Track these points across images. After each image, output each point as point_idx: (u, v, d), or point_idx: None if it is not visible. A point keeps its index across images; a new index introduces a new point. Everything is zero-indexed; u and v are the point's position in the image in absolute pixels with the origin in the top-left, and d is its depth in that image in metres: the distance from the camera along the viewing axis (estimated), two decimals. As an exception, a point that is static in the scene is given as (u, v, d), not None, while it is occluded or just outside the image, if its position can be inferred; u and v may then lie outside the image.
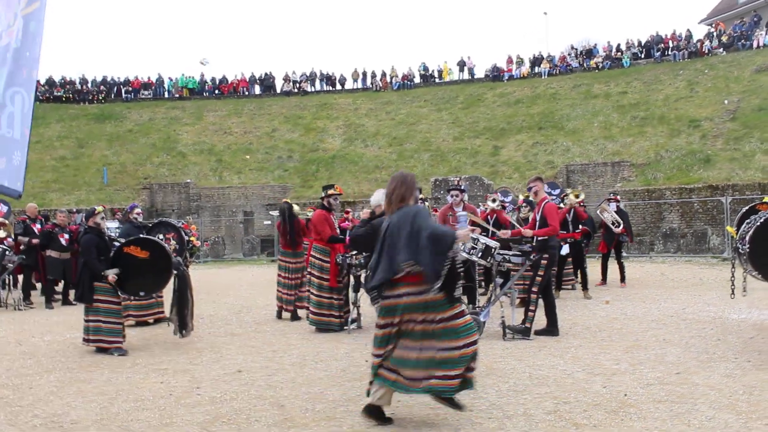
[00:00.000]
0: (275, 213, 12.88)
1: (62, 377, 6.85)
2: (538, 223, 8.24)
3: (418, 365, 4.81)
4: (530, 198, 9.09)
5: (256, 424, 5.05)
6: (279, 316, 10.52)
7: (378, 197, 6.34)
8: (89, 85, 40.95)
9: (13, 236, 12.73)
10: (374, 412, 4.94)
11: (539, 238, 8.13)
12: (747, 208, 8.23)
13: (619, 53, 37.52)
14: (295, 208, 10.81)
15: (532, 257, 8.11)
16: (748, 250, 6.66)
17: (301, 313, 10.18)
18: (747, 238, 6.67)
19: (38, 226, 13.38)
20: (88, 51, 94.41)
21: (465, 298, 9.91)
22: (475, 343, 4.84)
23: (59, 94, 39.72)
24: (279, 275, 10.67)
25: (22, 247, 12.62)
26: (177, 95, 41.17)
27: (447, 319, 4.81)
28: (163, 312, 10.43)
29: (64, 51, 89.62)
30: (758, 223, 6.64)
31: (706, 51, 34.91)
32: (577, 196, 12.20)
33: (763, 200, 7.95)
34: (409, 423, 4.98)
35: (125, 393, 6.11)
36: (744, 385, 5.84)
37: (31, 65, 4.53)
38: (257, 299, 13.09)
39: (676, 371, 6.38)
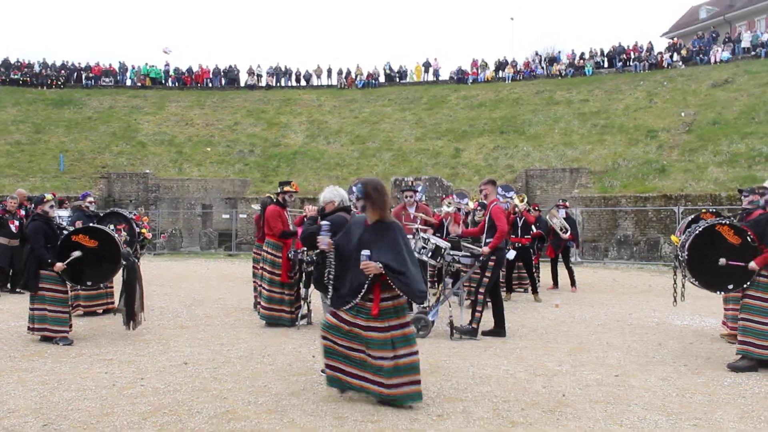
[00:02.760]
0: (257, 207, 12.81)
1: (3, 366, 6.73)
2: (486, 226, 8.36)
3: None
4: (482, 200, 9.23)
5: (197, 415, 5.06)
6: (256, 307, 10.38)
7: (329, 194, 6.37)
8: (49, 69, 40.12)
9: None
10: None
11: (487, 240, 8.26)
12: (691, 217, 8.48)
13: (582, 61, 38.12)
14: None
15: (480, 258, 8.22)
16: (687, 257, 6.86)
17: None
18: (686, 246, 6.88)
19: (23, 212, 12.95)
20: (49, 34, 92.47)
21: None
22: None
23: (16, 77, 38.84)
24: (255, 267, 10.54)
25: None
26: (139, 84, 40.59)
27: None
28: (112, 303, 10.31)
29: (23, 33, 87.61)
30: (696, 232, 6.85)
31: (666, 64, 35.68)
32: (522, 200, 12.37)
33: (704, 210, 8.20)
34: (348, 419, 5.03)
35: (67, 382, 6.04)
36: (678, 387, 6.03)
37: None
38: (210, 293, 13.00)
39: (615, 373, 6.55)
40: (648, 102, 31.88)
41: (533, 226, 12.64)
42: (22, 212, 12.88)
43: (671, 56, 36.06)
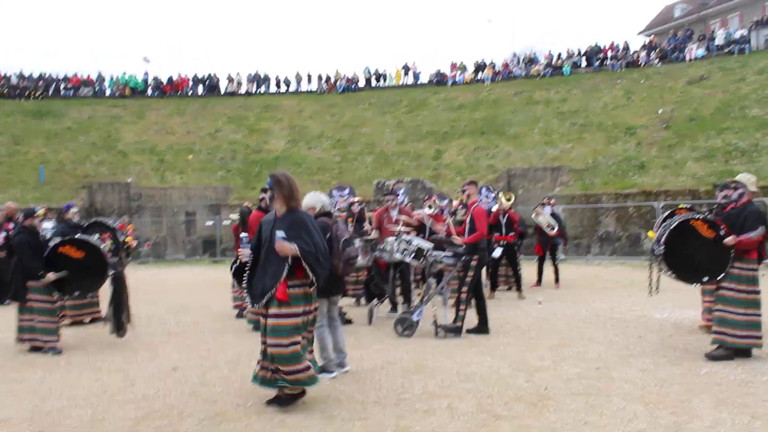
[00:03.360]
0: (235, 216, 12.90)
1: (-7, 376, 6.80)
2: (467, 227, 8.52)
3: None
4: (464, 200, 9.39)
5: (188, 419, 5.16)
6: (240, 315, 10.46)
7: (310, 200, 6.50)
8: (26, 80, 39.85)
9: None
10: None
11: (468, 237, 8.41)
12: (667, 212, 8.67)
13: (560, 61, 38.49)
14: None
15: (462, 259, 8.38)
16: (662, 251, 7.06)
17: None
18: (662, 240, 7.08)
19: (10, 225, 12.88)
20: (25, 46, 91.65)
21: (401, 298, 10.21)
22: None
23: (-6, 89, 38.54)
24: None
25: None
26: (118, 93, 40.43)
27: None
28: (99, 312, 10.36)
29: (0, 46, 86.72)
30: (672, 227, 7.05)
31: (642, 63, 36.12)
32: (508, 200, 12.56)
33: (680, 206, 8.41)
34: (336, 418, 5.15)
35: (58, 391, 6.12)
36: (657, 378, 6.22)
37: None
38: (196, 299, 13.06)
39: (596, 366, 6.73)
40: (626, 100, 32.25)
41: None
42: (10, 225, 12.85)
43: (647, 54, 36.52)
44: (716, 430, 4.74)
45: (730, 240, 6.81)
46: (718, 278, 6.95)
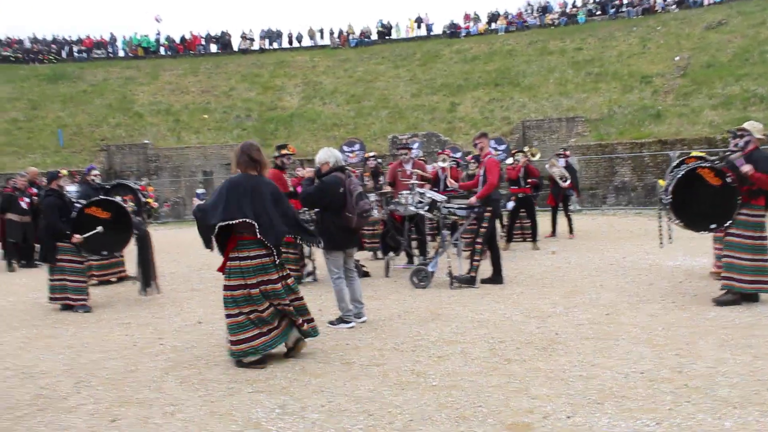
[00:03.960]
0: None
1: (29, 334, 7.15)
2: (481, 179, 8.68)
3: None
4: (476, 153, 9.54)
5: (215, 368, 5.46)
6: None
7: (324, 155, 6.69)
8: (39, 44, 39.99)
9: None
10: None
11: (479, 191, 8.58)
12: (677, 161, 8.75)
13: (575, 9, 37.93)
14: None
15: (475, 210, 8.56)
16: (670, 200, 7.19)
17: None
18: (670, 189, 7.20)
19: (34, 189, 13.25)
20: (36, 7, 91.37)
21: (416, 251, 10.44)
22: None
23: (7, 54, 38.76)
24: None
25: None
26: (131, 54, 40.49)
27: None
28: (125, 271, 10.72)
29: (8, 7, 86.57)
30: (679, 175, 7.16)
31: (659, 8, 35.50)
32: (533, 155, 12.67)
33: (691, 154, 8.48)
34: (355, 364, 5.42)
35: (91, 346, 6.45)
36: (664, 322, 6.42)
37: None
38: (217, 257, 13.32)
39: (606, 312, 6.95)
40: (642, 48, 31.86)
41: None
42: (33, 189, 13.20)
43: (664, 0, 35.86)
44: (718, 369, 4.93)
45: (748, 169, 6.80)
46: (726, 225, 7.08)
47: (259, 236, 5.40)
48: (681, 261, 10.36)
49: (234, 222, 5.38)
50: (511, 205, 12.37)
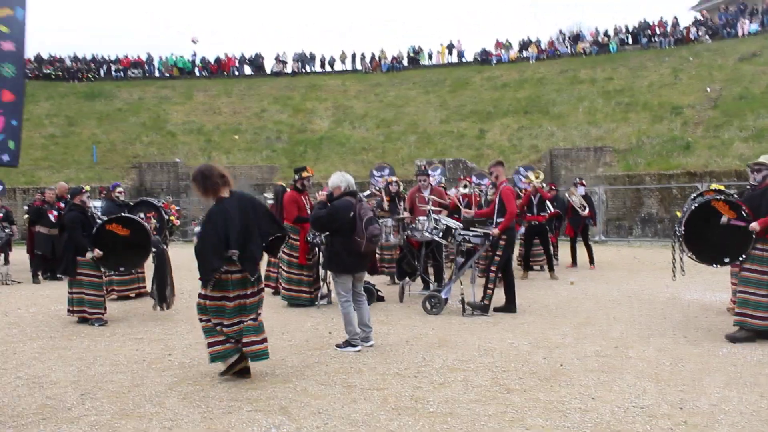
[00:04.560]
0: (269, 195, 13.36)
1: (44, 345, 7.32)
2: (497, 207, 8.70)
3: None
4: (493, 181, 9.57)
5: (219, 386, 5.54)
6: (276, 293, 10.66)
7: (336, 180, 6.79)
8: (79, 62, 41.04)
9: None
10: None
11: (498, 220, 8.60)
12: (696, 194, 8.70)
13: (607, 38, 37.87)
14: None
15: (490, 237, 8.57)
16: (683, 232, 7.15)
17: None
18: (683, 221, 7.16)
19: (62, 204, 13.52)
20: (77, 28, 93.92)
21: (432, 277, 10.47)
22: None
23: (48, 71, 39.83)
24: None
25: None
26: (167, 74, 41.34)
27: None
28: (144, 287, 10.90)
29: (52, 27, 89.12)
30: (693, 208, 7.12)
31: (693, 38, 35.29)
32: (537, 177, 12.63)
33: (710, 186, 8.43)
34: (356, 387, 5.46)
35: (102, 358, 6.59)
36: (673, 357, 6.35)
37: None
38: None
39: (615, 345, 6.89)
40: (673, 78, 31.64)
41: (550, 205, 12.90)
42: (62, 204, 13.48)
43: (697, 31, 35.64)
44: (720, 407, 4.87)
45: (754, 226, 6.83)
46: (740, 259, 7.01)
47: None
48: (700, 295, 10.23)
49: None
50: (521, 231, 12.34)
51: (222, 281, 5.59)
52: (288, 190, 10.84)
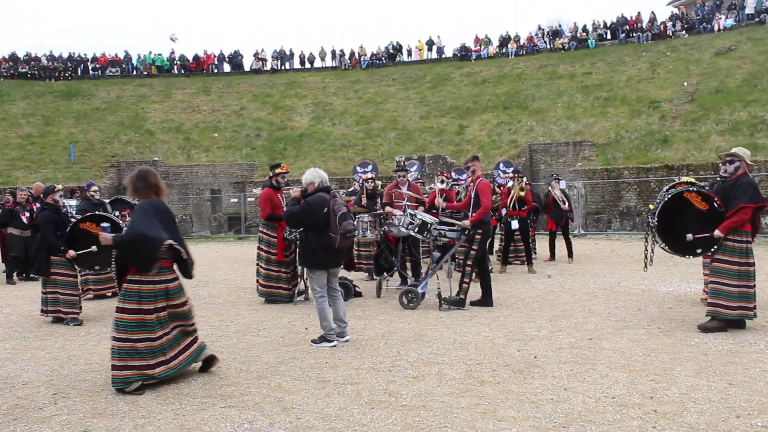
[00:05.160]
0: (258, 191, 13.33)
1: (17, 345, 7.25)
2: (472, 201, 8.73)
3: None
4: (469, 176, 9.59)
5: (192, 383, 5.52)
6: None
7: (310, 176, 6.78)
8: (56, 61, 40.61)
9: None
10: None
11: (471, 213, 8.62)
12: (669, 186, 8.77)
13: (585, 34, 38.10)
14: None
15: (466, 232, 8.60)
16: (656, 223, 7.22)
17: None
18: (656, 212, 7.24)
19: (38, 204, 13.34)
20: (54, 26, 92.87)
21: (410, 272, 10.49)
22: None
23: (24, 70, 39.39)
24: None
25: None
26: (145, 73, 41.02)
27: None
28: (121, 286, 10.80)
29: (28, 26, 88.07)
30: (665, 199, 7.20)
31: (669, 33, 35.60)
32: (521, 190, 12.65)
33: (682, 179, 8.50)
34: (330, 382, 5.46)
35: (76, 358, 6.54)
36: (646, 348, 6.42)
37: None
38: (216, 274, 13.51)
39: (589, 337, 6.95)
40: (651, 73, 31.91)
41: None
42: (37, 204, 13.33)
43: (674, 26, 35.97)
44: (690, 396, 4.94)
45: (718, 233, 6.93)
46: (712, 250, 7.09)
47: (183, 258, 5.55)
48: (675, 287, 10.35)
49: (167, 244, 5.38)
50: (516, 224, 12.39)
51: (138, 292, 5.40)
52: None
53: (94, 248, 8.27)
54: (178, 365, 5.54)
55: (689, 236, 7.07)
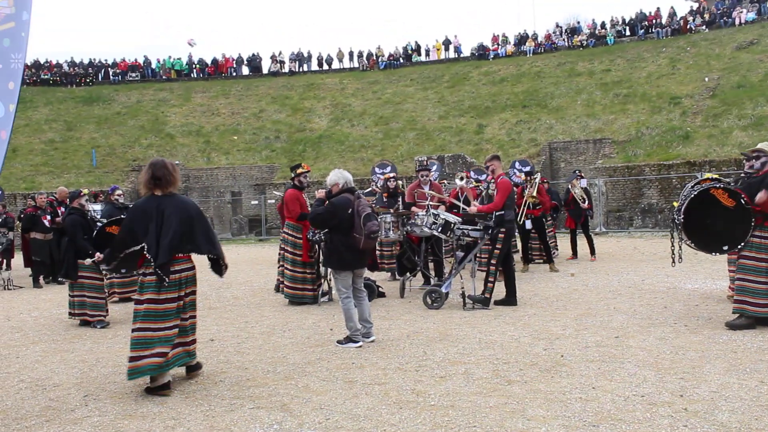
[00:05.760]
0: (279, 193, 13.44)
1: (47, 348, 7.35)
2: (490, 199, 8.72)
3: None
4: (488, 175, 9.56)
5: (220, 384, 5.56)
6: (278, 289, 10.76)
7: (334, 177, 6.81)
8: (77, 67, 41.07)
9: None
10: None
11: (497, 213, 8.60)
12: (693, 182, 8.69)
13: (604, 30, 37.85)
14: None
15: (490, 231, 8.58)
16: (681, 220, 7.15)
17: None
18: (681, 209, 7.17)
19: (62, 209, 13.49)
20: (74, 32, 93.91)
21: (433, 272, 10.48)
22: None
23: (46, 77, 39.87)
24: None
25: None
26: (165, 77, 41.36)
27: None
28: (146, 289, 10.89)
29: (49, 32, 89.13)
30: (691, 196, 7.13)
31: (690, 28, 35.26)
32: (533, 198, 12.58)
33: (706, 175, 8.41)
34: (357, 383, 5.48)
35: (104, 360, 6.61)
36: (673, 346, 6.36)
37: (8, 77, 4.95)
38: (239, 276, 13.59)
39: (616, 335, 6.90)
40: (671, 68, 31.64)
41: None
42: (62, 208, 13.48)
43: (694, 20, 35.62)
44: (721, 394, 4.89)
45: (761, 196, 6.77)
46: (738, 247, 7.02)
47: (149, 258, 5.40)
48: (700, 284, 10.24)
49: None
50: (529, 223, 12.36)
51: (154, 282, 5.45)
52: None
53: (100, 256, 8.34)
54: (173, 358, 5.49)
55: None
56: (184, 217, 5.48)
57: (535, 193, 12.53)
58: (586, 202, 13.97)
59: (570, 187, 14.35)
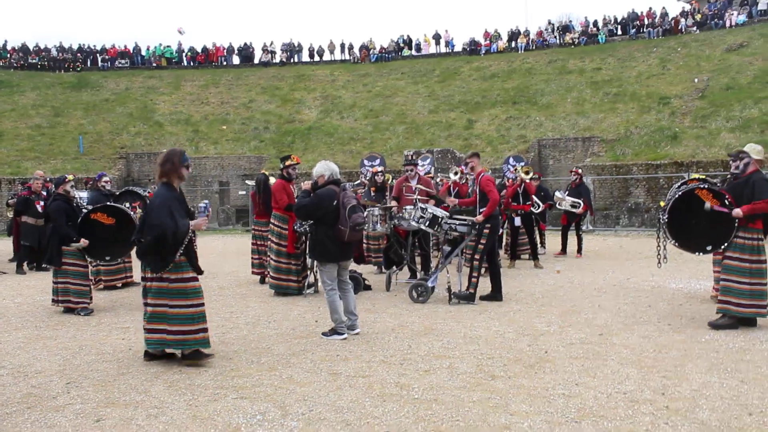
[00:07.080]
0: (251, 183, 13.37)
1: (29, 334, 7.30)
2: (478, 197, 8.73)
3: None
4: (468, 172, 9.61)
5: (204, 373, 5.55)
6: (263, 281, 10.79)
7: (320, 168, 6.80)
8: (65, 53, 40.69)
9: None
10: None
11: (481, 210, 8.62)
12: (680, 183, 8.74)
13: (595, 29, 37.93)
14: (271, 179, 11.14)
15: (476, 226, 8.60)
16: (666, 220, 7.20)
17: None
18: (666, 209, 7.22)
19: (44, 193, 13.41)
20: (64, 17, 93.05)
21: (419, 266, 10.49)
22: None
23: (34, 61, 39.47)
24: (254, 244, 11.04)
25: None
26: (154, 64, 41.06)
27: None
28: (131, 277, 10.86)
29: (38, 16, 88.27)
30: (676, 196, 7.18)
31: (681, 29, 35.40)
32: (527, 173, 12.68)
33: (693, 176, 8.46)
34: (341, 375, 5.48)
35: (88, 348, 6.58)
36: (656, 344, 6.41)
37: None
38: (224, 266, 13.55)
39: (600, 333, 6.94)
40: (661, 69, 31.74)
41: (536, 198, 12.96)
42: (44, 193, 13.39)
43: (685, 21, 35.76)
44: (702, 392, 4.93)
45: (737, 212, 6.87)
46: (722, 247, 7.07)
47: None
48: (685, 283, 10.31)
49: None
50: (518, 221, 12.40)
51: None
52: (271, 179, 10.87)
53: (85, 242, 8.33)
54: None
55: (707, 205, 6.99)
56: None
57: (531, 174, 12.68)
58: (580, 207, 14.05)
59: (558, 204, 14.29)
